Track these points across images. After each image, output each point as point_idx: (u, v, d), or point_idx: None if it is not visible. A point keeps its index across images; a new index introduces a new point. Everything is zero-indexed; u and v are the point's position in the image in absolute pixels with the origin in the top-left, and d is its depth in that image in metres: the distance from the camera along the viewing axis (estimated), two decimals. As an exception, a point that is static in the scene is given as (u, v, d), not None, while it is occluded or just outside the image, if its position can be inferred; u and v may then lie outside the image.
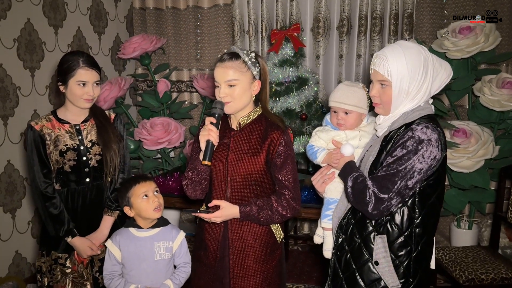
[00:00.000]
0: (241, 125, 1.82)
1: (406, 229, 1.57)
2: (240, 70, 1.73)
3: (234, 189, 1.78)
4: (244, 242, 1.80)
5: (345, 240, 1.67)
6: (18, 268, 3.17)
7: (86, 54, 2.06)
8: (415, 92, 1.56)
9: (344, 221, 1.69)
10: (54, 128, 2.05)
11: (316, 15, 3.88)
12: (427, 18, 3.64)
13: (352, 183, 1.60)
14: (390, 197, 1.51)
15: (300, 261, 3.69)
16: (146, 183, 1.89)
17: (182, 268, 1.95)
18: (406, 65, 1.53)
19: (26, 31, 3.15)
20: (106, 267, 1.89)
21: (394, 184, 1.50)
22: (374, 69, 1.60)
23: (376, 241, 1.58)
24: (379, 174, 1.54)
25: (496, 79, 3.26)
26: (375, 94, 1.61)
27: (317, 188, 1.85)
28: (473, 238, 3.57)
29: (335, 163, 1.75)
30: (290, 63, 3.27)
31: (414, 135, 1.51)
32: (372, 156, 1.62)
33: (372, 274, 1.60)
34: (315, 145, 1.87)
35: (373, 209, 1.52)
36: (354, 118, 1.82)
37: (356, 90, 1.81)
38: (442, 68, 1.58)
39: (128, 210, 1.90)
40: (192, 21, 4.13)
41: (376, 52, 1.62)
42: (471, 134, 3.23)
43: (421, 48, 1.58)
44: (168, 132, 3.74)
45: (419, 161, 1.49)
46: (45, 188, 2.02)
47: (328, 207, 1.82)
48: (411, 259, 1.58)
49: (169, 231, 1.93)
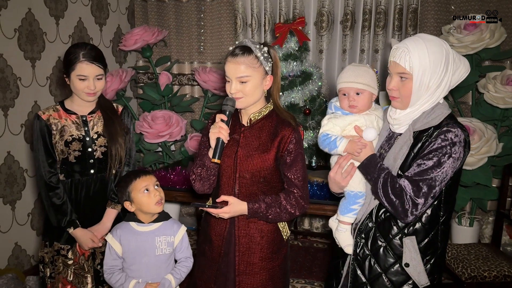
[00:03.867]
0: (252, 121, 1.78)
1: (433, 228, 1.55)
2: (252, 66, 1.67)
3: (242, 186, 1.75)
4: (251, 239, 1.77)
5: (365, 244, 1.63)
6: (18, 260, 3.15)
7: (90, 46, 1.99)
8: (436, 87, 1.51)
9: (362, 225, 1.65)
10: (60, 118, 2.03)
11: (320, 9, 3.85)
12: (431, 14, 3.62)
13: (383, 183, 1.53)
14: (426, 202, 1.48)
15: (300, 256, 3.68)
16: (146, 177, 1.85)
17: (183, 263, 1.93)
18: (428, 58, 1.47)
19: (27, 21, 3.11)
20: (106, 261, 1.86)
21: (432, 189, 1.47)
22: (394, 61, 1.53)
23: (406, 243, 1.54)
24: (415, 178, 1.48)
25: (501, 76, 3.25)
26: (393, 87, 1.55)
27: (340, 182, 1.69)
28: (474, 235, 3.57)
29: (358, 152, 1.62)
30: (294, 57, 3.24)
31: (448, 138, 1.47)
32: (400, 158, 1.55)
33: (400, 276, 1.57)
34: (330, 134, 1.70)
35: (411, 214, 1.49)
36: (367, 98, 1.69)
37: (366, 69, 1.70)
38: (461, 63, 1.53)
39: (128, 205, 1.85)
40: (194, 13, 4.10)
41: (396, 44, 1.55)
42: (475, 131, 3.21)
43: (443, 41, 1.53)
44: (169, 125, 3.72)
45: (452, 163, 1.48)
46: (50, 177, 2.00)
47: (356, 201, 1.70)
48: (437, 255, 1.57)
49: (171, 226, 1.91)
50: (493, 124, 3.36)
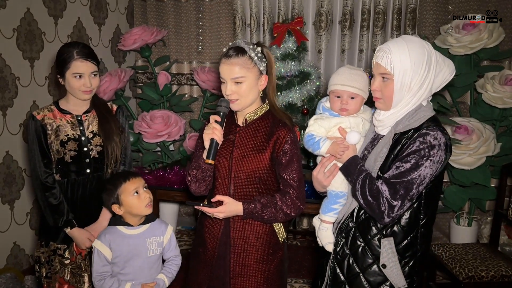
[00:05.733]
0: (248, 121, 1.78)
1: (412, 231, 1.55)
2: (246, 67, 1.68)
3: (237, 186, 1.75)
4: (246, 241, 1.76)
5: (345, 244, 1.64)
6: (16, 260, 3.15)
7: (82, 44, 2.01)
8: (417, 87, 1.52)
9: (343, 224, 1.66)
10: (55, 118, 2.04)
11: (319, 9, 3.85)
12: (430, 14, 3.62)
13: (361, 185, 1.54)
14: (402, 204, 1.48)
15: (299, 256, 3.68)
16: (136, 179, 1.84)
17: (173, 261, 1.93)
18: (409, 59, 1.49)
19: (26, 21, 3.11)
20: (96, 268, 1.81)
21: (409, 191, 1.47)
22: (376, 62, 1.55)
23: (383, 244, 1.55)
24: (392, 180, 1.49)
25: (499, 76, 3.25)
26: (376, 87, 1.56)
27: (322, 182, 1.72)
28: (472, 235, 3.57)
29: (340, 154, 1.64)
30: (292, 57, 3.24)
31: (426, 141, 1.47)
32: (380, 160, 1.56)
33: (378, 276, 1.57)
34: (315, 134, 1.72)
35: (387, 216, 1.49)
36: (359, 103, 1.71)
37: (361, 73, 1.72)
38: (445, 65, 1.54)
39: (116, 208, 1.82)
40: (193, 13, 4.10)
41: (379, 46, 1.58)
42: (473, 131, 3.21)
43: (425, 42, 1.54)
44: (168, 125, 3.72)
45: (430, 166, 1.47)
46: (45, 178, 2.00)
47: (337, 201, 1.74)
48: (416, 258, 1.57)
49: (158, 226, 1.90)
50: (491, 124, 3.36)
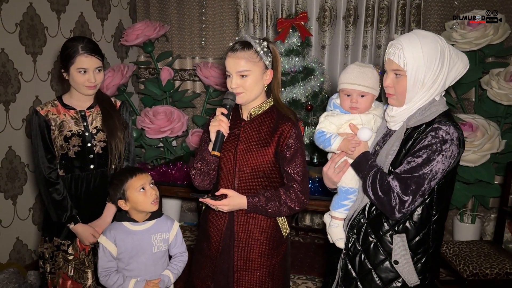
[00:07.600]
0: (252, 115, 1.79)
1: (424, 227, 1.54)
2: (252, 61, 1.69)
3: (241, 180, 1.75)
4: (250, 235, 1.77)
5: (357, 240, 1.63)
6: (19, 255, 3.15)
7: (87, 39, 2.00)
8: (431, 83, 1.50)
9: (355, 220, 1.65)
10: (59, 113, 2.03)
11: (323, 4, 3.82)
12: (435, 9, 3.59)
13: (372, 180, 1.53)
14: (414, 200, 1.47)
15: (302, 253, 3.68)
16: (143, 175, 1.83)
17: (179, 258, 1.92)
18: (422, 54, 1.47)
19: (28, 15, 3.10)
20: (101, 263, 1.81)
21: (420, 187, 1.46)
22: (388, 58, 1.54)
23: (395, 241, 1.54)
24: (403, 175, 1.47)
25: (504, 72, 3.22)
26: (389, 84, 1.55)
27: (332, 178, 1.72)
28: (475, 232, 3.56)
29: (352, 150, 1.63)
30: (296, 52, 3.22)
31: (438, 135, 1.46)
32: (391, 155, 1.55)
33: (390, 273, 1.56)
34: (326, 131, 1.72)
35: (398, 211, 1.48)
36: (370, 100, 1.70)
37: (371, 71, 1.70)
38: (458, 59, 1.53)
39: (122, 203, 1.82)
40: (196, 8, 4.08)
41: (392, 41, 1.56)
42: (478, 128, 3.19)
43: (438, 37, 1.52)
44: (170, 120, 3.71)
45: (442, 161, 1.46)
46: (49, 173, 2.00)
47: (347, 197, 1.72)
48: (428, 255, 1.56)
49: (164, 222, 1.89)
50: (496, 121, 3.34)
